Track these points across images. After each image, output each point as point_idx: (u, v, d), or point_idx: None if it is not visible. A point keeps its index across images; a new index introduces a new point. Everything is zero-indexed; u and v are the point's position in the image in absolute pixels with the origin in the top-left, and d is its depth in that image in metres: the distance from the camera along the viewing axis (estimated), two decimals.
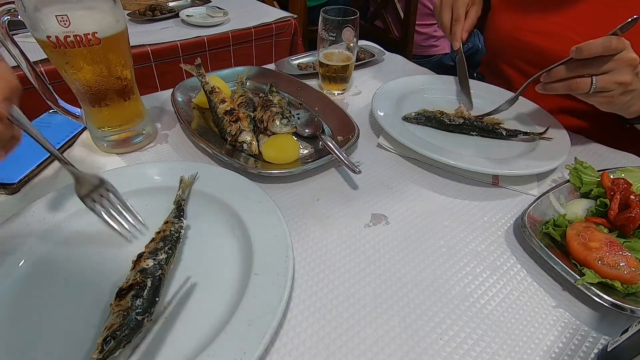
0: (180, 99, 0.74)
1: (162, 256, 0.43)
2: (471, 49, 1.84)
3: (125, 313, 0.37)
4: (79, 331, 0.39)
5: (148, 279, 0.40)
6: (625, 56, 0.55)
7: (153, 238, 0.46)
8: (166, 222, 0.48)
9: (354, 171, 0.58)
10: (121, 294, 0.39)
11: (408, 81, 0.85)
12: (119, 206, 0.48)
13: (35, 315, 0.41)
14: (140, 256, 0.43)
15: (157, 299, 0.40)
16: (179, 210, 0.51)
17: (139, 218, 0.49)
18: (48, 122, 0.70)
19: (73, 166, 0.46)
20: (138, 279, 0.40)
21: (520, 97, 0.80)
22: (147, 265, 0.42)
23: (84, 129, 0.68)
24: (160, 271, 0.42)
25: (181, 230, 0.48)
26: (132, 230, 0.48)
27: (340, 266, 0.48)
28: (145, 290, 0.39)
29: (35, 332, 0.39)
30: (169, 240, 0.46)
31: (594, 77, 0.57)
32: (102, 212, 0.46)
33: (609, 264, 0.44)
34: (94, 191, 0.47)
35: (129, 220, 0.48)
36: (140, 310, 0.38)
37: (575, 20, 0.74)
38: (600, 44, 0.54)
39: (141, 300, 0.38)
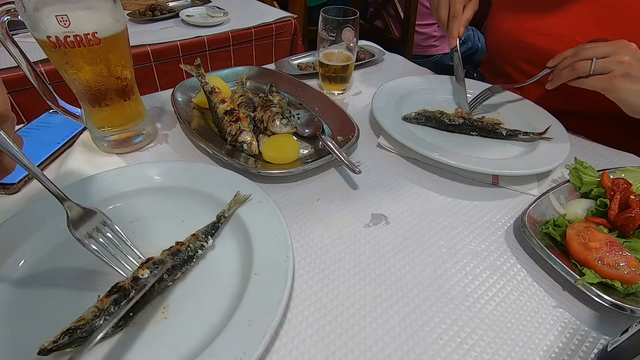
0: (180, 99, 0.74)
1: (157, 271, 0.41)
2: (471, 48, 1.84)
3: (98, 314, 0.37)
4: None
5: (133, 291, 0.39)
6: (623, 42, 0.61)
7: (171, 247, 0.45)
8: (193, 235, 0.47)
9: (354, 171, 0.58)
10: (112, 291, 0.39)
11: (408, 81, 0.85)
12: (116, 241, 0.44)
13: (35, 315, 0.41)
14: (148, 260, 0.42)
15: (131, 314, 0.39)
16: (214, 227, 0.49)
17: (137, 252, 0.45)
18: (48, 122, 0.70)
19: (70, 200, 0.43)
20: (127, 286, 0.39)
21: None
22: (142, 275, 0.41)
23: (84, 129, 0.68)
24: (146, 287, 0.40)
25: (199, 250, 0.46)
26: (131, 266, 0.44)
27: (340, 266, 0.48)
28: (125, 301, 0.38)
29: (35, 332, 0.39)
30: (178, 258, 0.43)
31: (594, 59, 0.61)
32: (98, 250, 0.42)
33: (609, 264, 0.44)
34: (89, 225, 0.43)
35: (126, 256, 0.44)
36: (109, 318, 0.37)
37: (576, 20, 0.75)
38: (569, 49, 0.66)
39: (116, 308, 0.38)
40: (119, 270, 0.43)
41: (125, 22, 0.58)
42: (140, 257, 0.45)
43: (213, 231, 0.48)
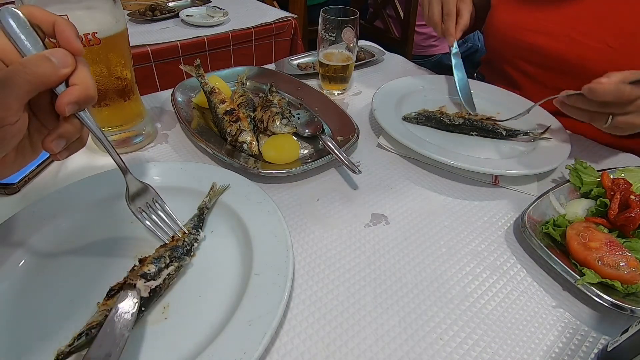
0: (180, 99, 0.74)
1: (163, 266, 0.42)
2: (471, 48, 1.84)
3: (107, 313, 0.37)
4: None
5: (142, 283, 0.39)
6: None
7: (165, 244, 0.45)
8: (183, 232, 0.47)
9: (354, 171, 0.58)
10: (111, 293, 0.39)
11: (408, 81, 0.85)
12: (162, 214, 0.48)
13: (35, 315, 0.40)
14: (144, 260, 0.43)
15: (143, 309, 0.39)
16: (200, 219, 0.50)
17: (181, 226, 0.48)
18: None
19: (132, 174, 0.46)
20: (129, 283, 0.39)
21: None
22: (149, 270, 0.41)
23: None
24: (155, 282, 0.40)
25: (194, 244, 0.47)
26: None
27: (340, 266, 0.48)
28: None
29: (35, 332, 0.39)
30: (178, 251, 0.44)
31: (611, 116, 0.57)
32: (147, 221, 0.47)
33: (609, 264, 0.44)
34: (142, 200, 0.47)
35: (171, 228, 0.47)
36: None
37: (575, 19, 0.74)
38: (612, 92, 0.53)
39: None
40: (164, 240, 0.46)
41: (125, 22, 0.58)
42: (186, 233, 0.48)
43: (200, 224, 0.49)
